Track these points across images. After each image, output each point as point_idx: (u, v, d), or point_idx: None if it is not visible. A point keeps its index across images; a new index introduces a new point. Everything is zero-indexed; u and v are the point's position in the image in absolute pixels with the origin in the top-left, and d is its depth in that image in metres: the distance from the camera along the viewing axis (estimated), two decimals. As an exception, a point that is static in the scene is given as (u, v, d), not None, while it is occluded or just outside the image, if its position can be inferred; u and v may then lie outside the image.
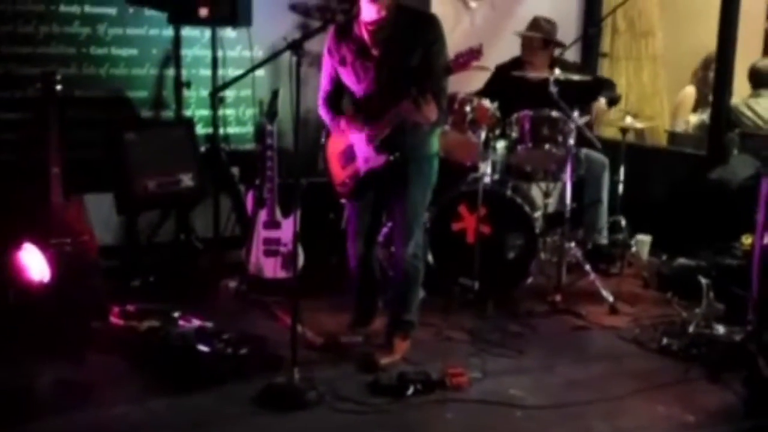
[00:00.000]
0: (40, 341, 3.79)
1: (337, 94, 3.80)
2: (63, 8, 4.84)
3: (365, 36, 3.62)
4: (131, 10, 5.00)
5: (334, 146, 3.82)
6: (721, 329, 4.01)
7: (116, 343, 3.85)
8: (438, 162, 3.83)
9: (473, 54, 3.43)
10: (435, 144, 3.79)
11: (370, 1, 3.52)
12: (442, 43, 3.61)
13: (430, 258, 4.55)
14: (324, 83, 3.81)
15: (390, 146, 3.62)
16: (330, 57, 3.73)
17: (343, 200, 3.97)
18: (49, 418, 3.27)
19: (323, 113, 3.84)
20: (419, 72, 3.52)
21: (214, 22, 4.86)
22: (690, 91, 6.20)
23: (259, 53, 5.16)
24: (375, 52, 3.61)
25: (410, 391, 3.46)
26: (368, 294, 4.01)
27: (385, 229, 4.55)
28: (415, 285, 3.86)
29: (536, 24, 5.12)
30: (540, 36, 5.07)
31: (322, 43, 3.89)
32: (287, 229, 4.55)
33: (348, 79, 3.70)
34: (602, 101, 5.02)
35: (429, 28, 3.60)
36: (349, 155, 3.75)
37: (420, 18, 3.66)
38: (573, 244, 4.79)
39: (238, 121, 5.39)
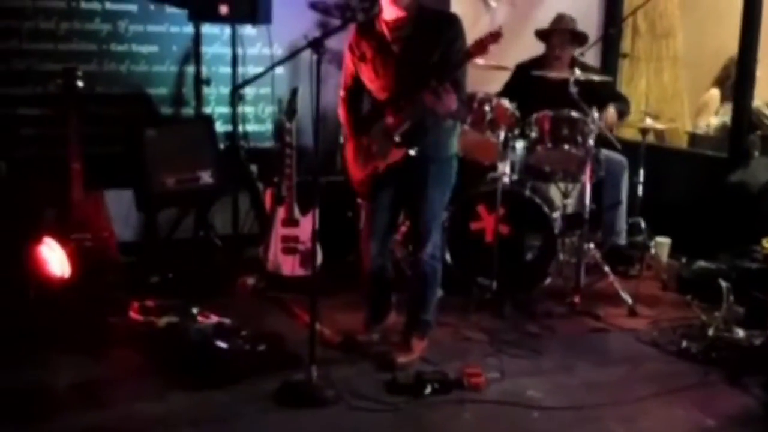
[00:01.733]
0: (60, 336, 3.82)
1: (357, 91, 3.80)
2: (84, 5, 4.87)
3: (386, 33, 3.62)
4: (152, 7, 5.04)
5: (353, 143, 3.82)
6: (740, 333, 3.98)
7: (135, 338, 3.87)
8: (457, 162, 3.82)
9: (492, 37, 3.42)
10: (455, 144, 3.79)
11: (392, 2, 3.53)
12: (463, 42, 3.61)
13: (448, 257, 4.55)
14: (344, 80, 3.81)
15: (410, 142, 3.62)
16: (351, 53, 3.73)
17: (360, 200, 3.96)
18: (67, 413, 3.29)
19: (342, 113, 3.83)
20: (438, 66, 3.52)
21: (234, 19, 4.87)
22: (714, 94, 6.16)
23: (279, 51, 5.18)
24: (395, 49, 3.61)
25: (427, 390, 3.46)
26: (382, 292, 4.00)
27: (403, 228, 4.56)
28: (433, 285, 3.85)
29: (562, 19, 5.11)
30: (570, 29, 5.05)
31: (341, 42, 3.90)
32: (305, 227, 4.55)
33: (366, 75, 3.70)
34: (611, 110, 4.97)
35: (450, 27, 3.60)
36: (367, 152, 3.74)
37: (441, 18, 3.66)
38: (592, 246, 4.76)
39: (258, 119, 5.40)
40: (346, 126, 3.83)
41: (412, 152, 3.61)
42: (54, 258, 4.09)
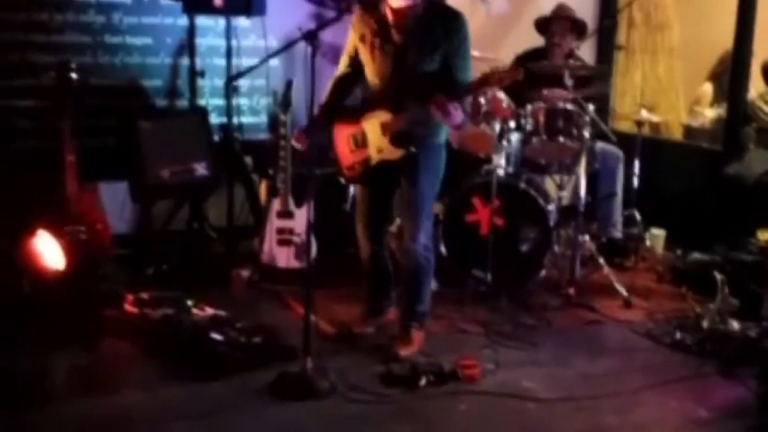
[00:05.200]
0: (55, 329, 3.81)
1: (352, 76, 3.77)
2: (78, -4, 4.85)
3: (390, 19, 3.59)
4: (146, -2, 5.01)
5: (344, 127, 3.78)
6: (735, 325, 4.00)
7: (130, 331, 3.86)
8: (446, 152, 3.79)
9: (511, 73, 3.46)
10: (443, 134, 3.77)
11: None
12: (467, 45, 3.60)
13: (443, 249, 4.55)
14: (343, 60, 3.78)
15: (406, 139, 3.61)
16: (353, 31, 3.71)
17: (344, 181, 3.94)
18: (64, 406, 3.29)
19: (329, 89, 3.77)
20: (444, 75, 3.52)
21: (229, 11, 4.84)
22: (707, 88, 6.17)
23: (273, 43, 5.15)
24: (396, 37, 3.58)
25: (423, 382, 3.46)
26: (380, 285, 4.01)
27: (398, 221, 4.55)
28: (428, 276, 3.85)
29: (562, 7, 5.12)
30: (570, 16, 5.05)
31: (336, 34, 3.88)
32: (300, 219, 4.55)
33: (363, 56, 3.68)
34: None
35: (456, 28, 3.56)
36: (359, 140, 3.72)
37: (448, 15, 3.60)
38: (587, 238, 4.77)
39: (252, 111, 5.39)
40: (324, 102, 3.76)
41: (412, 149, 3.60)
42: (48, 250, 4.08)
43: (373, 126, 3.66)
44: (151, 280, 4.47)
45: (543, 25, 5.13)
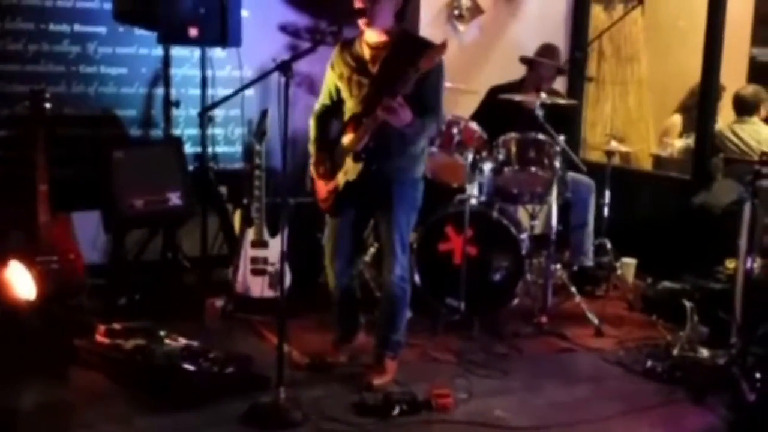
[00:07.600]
0: (25, 359, 3.78)
1: (331, 109, 3.85)
2: (53, 27, 4.84)
3: (366, 54, 3.66)
4: (121, 29, 5.01)
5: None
6: (704, 352, 4.04)
7: (101, 361, 3.83)
8: (423, 185, 3.84)
9: (440, 48, 3.48)
10: (421, 168, 3.81)
11: (366, 26, 3.58)
12: (441, 80, 3.66)
13: (416, 278, 4.57)
14: (321, 96, 3.87)
15: (370, 159, 3.64)
16: (332, 70, 3.79)
17: (326, 214, 3.99)
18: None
19: (311, 126, 3.87)
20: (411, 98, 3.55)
21: (204, 42, 4.88)
22: (676, 120, 6.28)
23: (249, 73, 5.18)
24: (373, 70, 3.65)
25: (396, 411, 3.46)
26: (350, 312, 4.02)
27: (372, 250, 4.58)
28: (403, 306, 3.86)
29: (553, 52, 5.20)
30: (556, 64, 5.14)
31: (311, 64, 3.92)
32: (274, 249, 4.56)
33: (344, 93, 3.75)
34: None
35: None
36: (332, 171, 3.78)
37: (422, 45, 3.64)
38: (559, 266, 4.82)
39: (227, 141, 5.40)
40: (312, 140, 3.87)
41: (372, 168, 3.63)
42: (20, 281, 4.06)
43: (339, 151, 3.71)
44: (123, 310, 4.45)
45: (531, 62, 5.20)
